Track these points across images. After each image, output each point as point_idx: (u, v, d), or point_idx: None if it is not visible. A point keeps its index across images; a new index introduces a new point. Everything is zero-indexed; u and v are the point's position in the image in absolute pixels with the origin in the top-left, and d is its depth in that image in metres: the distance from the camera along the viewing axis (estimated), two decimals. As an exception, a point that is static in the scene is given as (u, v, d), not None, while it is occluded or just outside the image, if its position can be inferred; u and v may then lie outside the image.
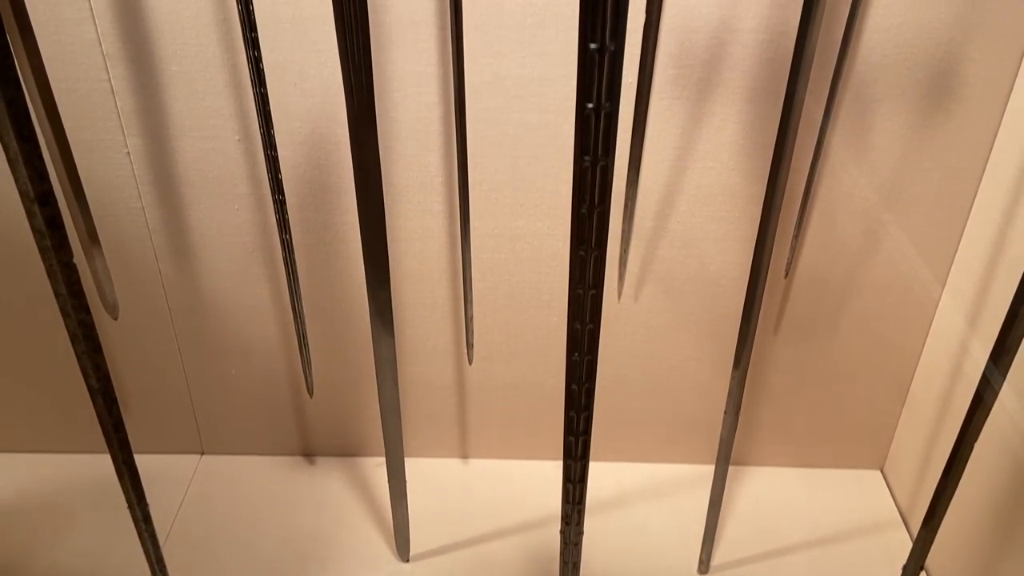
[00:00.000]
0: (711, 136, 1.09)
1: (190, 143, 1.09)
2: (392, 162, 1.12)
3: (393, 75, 1.05)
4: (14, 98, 0.59)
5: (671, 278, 1.21)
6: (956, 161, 1.09)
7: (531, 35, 1.02)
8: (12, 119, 0.59)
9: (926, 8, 0.98)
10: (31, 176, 0.62)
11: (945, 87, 1.03)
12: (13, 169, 0.62)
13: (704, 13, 1.00)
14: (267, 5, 0.99)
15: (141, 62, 1.03)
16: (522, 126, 1.09)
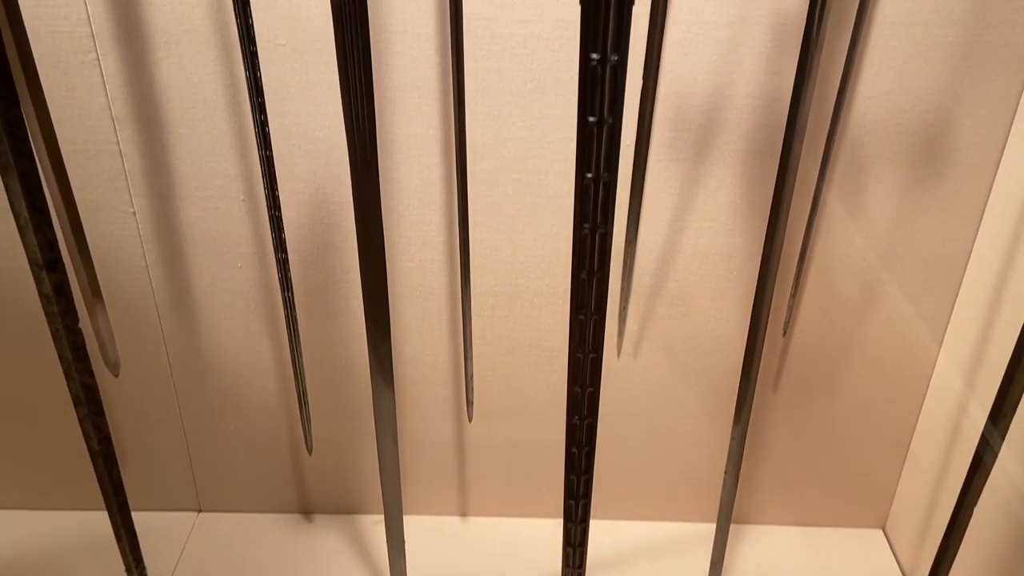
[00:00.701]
0: (708, 197, 1.10)
1: (195, 203, 1.11)
2: (394, 221, 1.13)
3: (396, 137, 1.08)
4: (27, 170, 0.60)
5: (670, 336, 1.22)
6: (950, 223, 1.10)
7: (531, 100, 1.04)
8: (25, 190, 0.61)
9: (916, 75, 1.01)
10: (41, 244, 0.63)
11: (937, 151, 1.05)
12: (23, 236, 0.64)
13: (700, 79, 1.02)
14: (274, 71, 1.01)
15: (149, 125, 1.05)
16: (522, 186, 1.11)
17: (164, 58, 1.01)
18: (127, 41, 0.99)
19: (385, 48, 1.02)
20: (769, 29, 0.99)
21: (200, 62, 1.01)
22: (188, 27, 0.99)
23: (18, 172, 0.60)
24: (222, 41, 1.00)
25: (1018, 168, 1.03)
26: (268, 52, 1.00)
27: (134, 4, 0.97)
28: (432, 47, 1.01)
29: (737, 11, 0.98)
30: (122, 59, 1.01)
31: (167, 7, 0.97)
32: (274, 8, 0.98)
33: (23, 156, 0.60)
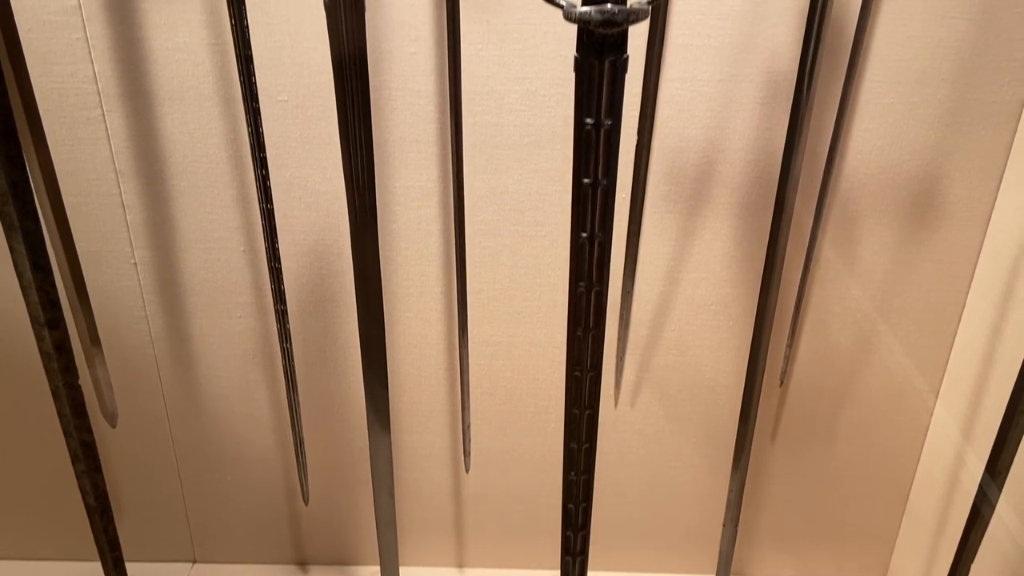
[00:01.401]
0: (703, 248, 1.12)
1: (196, 254, 1.12)
2: (392, 272, 1.14)
3: (395, 189, 1.09)
4: (31, 230, 0.61)
5: (667, 385, 1.22)
6: (943, 275, 1.12)
7: (527, 153, 1.06)
8: (29, 249, 0.62)
9: (906, 131, 1.03)
10: (43, 302, 0.64)
11: (929, 204, 1.07)
12: (26, 295, 0.65)
13: (693, 134, 1.04)
14: (276, 125, 1.03)
15: (152, 178, 1.06)
16: (519, 238, 1.12)
17: (168, 113, 1.03)
18: (132, 97, 1.02)
19: (385, 104, 1.04)
20: (761, 86, 1.01)
21: (203, 117, 1.03)
22: (192, 84, 1.01)
23: (22, 232, 0.61)
24: (225, 97, 1.02)
25: (1009, 221, 1.04)
26: (270, 108, 1.02)
27: (140, 62, 0.99)
28: (431, 103, 1.03)
29: (729, 69, 1.00)
30: (127, 114, 1.03)
31: (172, 65, 1.00)
32: (277, 65, 1.00)
33: (28, 216, 0.61)
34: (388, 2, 0.97)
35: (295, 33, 0.99)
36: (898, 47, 0.98)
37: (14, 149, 0.57)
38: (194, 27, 0.98)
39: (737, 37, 0.99)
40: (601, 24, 0.57)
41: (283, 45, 0.99)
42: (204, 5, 0.97)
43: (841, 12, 0.95)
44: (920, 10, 0.96)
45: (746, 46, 0.99)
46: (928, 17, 0.97)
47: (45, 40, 0.97)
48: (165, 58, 0.99)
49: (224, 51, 0.99)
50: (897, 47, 0.98)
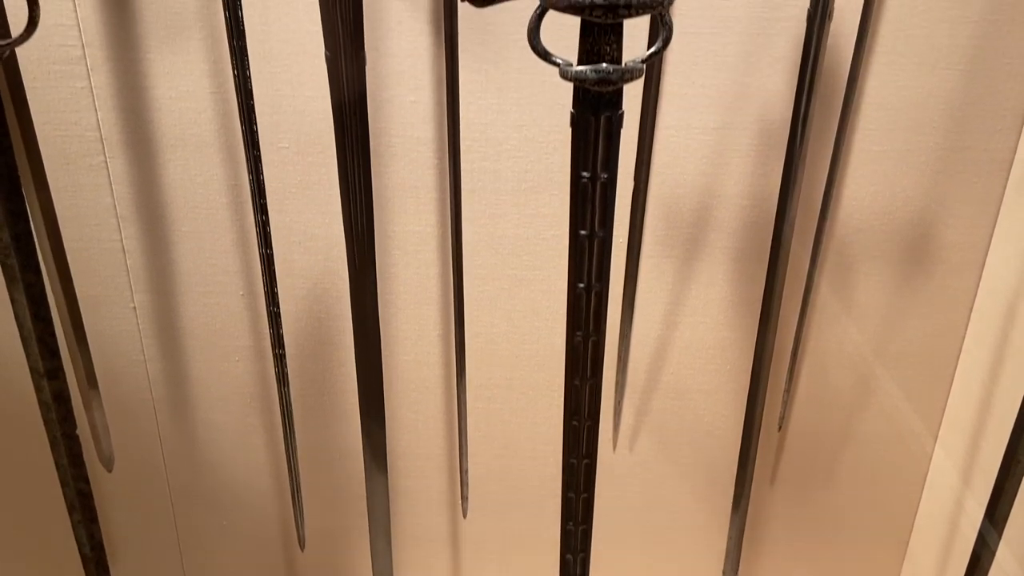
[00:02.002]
0: (700, 292, 1.12)
1: (195, 298, 1.12)
2: (390, 315, 1.15)
3: (394, 234, 1.10)
4: (33, 282, 0.62)
5: (665, 429, 1.22)
6: (939, 320, 1.12)
7: (525, 199, 1.07)
8: (30, 301, 0.62)
9: (900, 178, 1.04)
10: (43, 353, 0.64)
11: (923, 250, 1.08)
12: (26, 345, 0.65)
13: (689, 180, 1.05)
14: (276, 172, 1.04)
15: (153, 223, 1.07)
16: (517, 281, 1.13)
17: (170, 160, 1.04)
18: (134, 144, 1.03)
19: (384, 150, 1.05)
20: (755, 134, 1.02)
21: (205, 164, 1.04)
22: (194, 131, 1.02)
23: (24, 284, 0.61)
24: (226, 144, 1.03)
25: (1003, 267, 1.05)
26: (271, 154, 1.03)
27: (143, 110, 1.01)
28: (430, 150, 1.05)
29: (724, 117, 1.02)
30: (129, 161, 1.04)
31: (175, 113, 1.01)
32: (278, 113, 1.02)
33: (30, 269, 0.61)
34: (388, 52, 0.99)
35: (296, 82, 1.00)
36: (890, 96, 1.00)
37: (18, 204, 0.58)
38: (197, 76, 0.99)
39: (731, 87, 1.00)
40: (597, 83, 0.58)
41: (284, 94, 1.01)
42: (207, 55, 0.98)
43: (833, 62, 0.97)
44: (911, 61, 0.98)
45: (740, 95, 1.01)
46: (919, 68, 0.98)
47: (50, 89, 0.98)
48: (168, 106, 1.01)
49: (226, 99, 1.01)
50: (889, 96, 1.00)
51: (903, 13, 0.96)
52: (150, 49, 0.98)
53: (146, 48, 0.98)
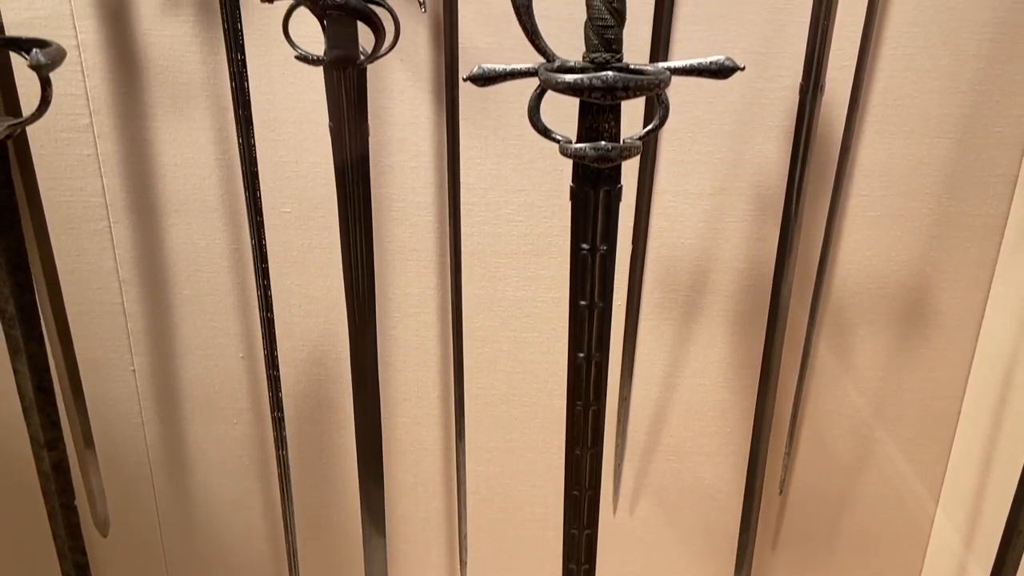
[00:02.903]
0: (699, 355, 1.13)
1: (195, 361, 1.12)
2: (390, 377, 1.15)
3: (394, 296, 1.11)
4: (36, 353, 0.62)
5: (666, 492, 1.21)
6: (937, 382, 1.13)
7: (525, 262, 1.08)
8: (32, 371, 0.63)
9: (894, 243, 1.05)
10: (43, 423, 0.64)
11: (920, 314, 1.09)
12: (27, 416, 0.65)
13: (687, 244, 1.07)
14: (278, 235, 1.05)
15: (155, 287, 1.08)
16: (517, 343, 1.13)
17: (173, 225, 1.05)
18: (138, 210, 1.04)
19: (385, 214, 1.06)
20: (751, 199, 1.04)
21: (207, 228, 1.05)
22: (198, 196, 1.03)
23: (27, 355, 0.62)
24: (230, 209, 1.04)
25: (999, 331, 1.06)
26: (274, 218, 1.04)
27: (148, 176, 1.02)
28: (430, 214, 1.06)
29: (720, 182, 1.03)
30: (132, 226, 1.05)
31: (179, 179, 1.02)
32: (281, 178, 1.03)
33: (33, 340, 0.62)
34: (390, 119, 1.01)
35: (299, 148, 1.02)
36: (882, 163, 1.02)
37: (24, 277, 0.58)
38: (202, 143, 1.01)
39: (727, 153, 1.02)
40: (596, 160, 0.59)
41: (288, 160, 1.03)
42: (212, 122, 1.00)
43: (826, 130, 0.99)
44: (902, 129, 1.00)
45: (735, 162, 1.02)
46: (910, 136, 1.01)
47: (57, 156, 1.00)
48: (173, 172, 1.02)
49: (230, 165, 1.02)
50: (881, 163, 1.02)
51: (893, 84, 0.98)
52: (156, 117, 1.00)
53: (152, 116, 1.00)
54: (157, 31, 0.96)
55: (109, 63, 0.97)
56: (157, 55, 0.97)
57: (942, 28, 0.96)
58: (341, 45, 0.81)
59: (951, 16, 0.95)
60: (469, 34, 0.95)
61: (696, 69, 0.59)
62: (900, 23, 0.96)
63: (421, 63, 0.98)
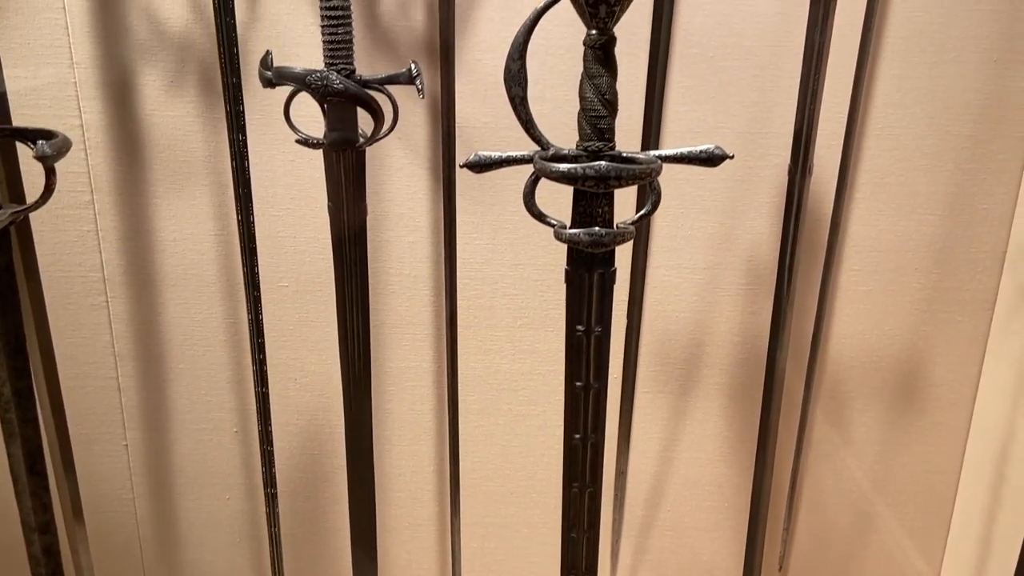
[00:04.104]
0: (696, 428, 1.12)
1: (188, 435, 1.12)
2: (385, 451, 1.14)
3: (390, 370, 1.11)
4: (31, 437, 0.62)
5: (664, 568, 1.19)
6: (934, 456, 1.12)
7: (520, 335, 1.09)
8: (26, 455, 0.62)
9: (886, 317, 1.06)
10: (35, 508, 0.64)
11: (914, 386, 1.09)
12: (19, 499, 0.64)
13: (681, 317, 1.07)
14: (275, 309, 1.06)
15: (150, 361, 1.08)
16: (512, 417, 1.13)
17: (170, 299, 1.05)
18: (136, 284, 1.05)
19: (383, 288, 1.07)
20: (744, 274, 1.05)
21: (204, 303, 1.06)
22: (196, 271, 1.04)
23: (22, 439, 0.62)
24: (227, 283, 1.05)
25: (993, 405, 1.06)
26: (271, 292, 1.05)
27: (146, 251, 1.03)
28: (427, 287, 1.07)
29: (713, 257, 1.05)
30: (129, 300, 1.05)
31: (178, 254, 1.03)
32: (279, 253, 1.04)
33: (29, 424, 0.62)
34: (388, 196, 1.03)
35: (298, 224, 1.03)
36: (872, 239, 1.04)
37: (22, 361, 0.59)
38: (201, 219, 1.02)
39: (719, 229, 1.04)
40: (590, 245, 0.61)
41: (286, 235, 1.04)
42: (212, 199, 1.02)
43: (816, 207, 1.00)
44: (891, 206, 1.02)
45: (728, 237, 1.04)
46: (898, 212, 1.02)
47: (57, 232, 1.01)
48: (171, 248, 1.03)
49: (229, 240, 1.03)
50: (871, 239, 1.03)
51: (880, 163, 1.01)
52: (157, 194, 1.01)
53: (153, 193, 1.01)
54: (161, 111, 0.98)
55: (112, 142, 0.99)
56: (160, 134, 0.99)
57: (926, 109, 0.99)
58: (341, 128, 0.83)
59: (934, 98, 0.98)
60: (466, 113, 0.98)
61: (687, 157, 0.60)
62: (885, 104, 0.99)
63: (418, 141, 1.00)
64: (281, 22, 0.95)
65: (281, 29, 0.95)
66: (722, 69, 0.97)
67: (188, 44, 0.96)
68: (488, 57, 0.97)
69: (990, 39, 0.96)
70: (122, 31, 0.95)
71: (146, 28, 0.95)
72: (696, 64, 0.97)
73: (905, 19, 0.95)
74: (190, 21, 0.95)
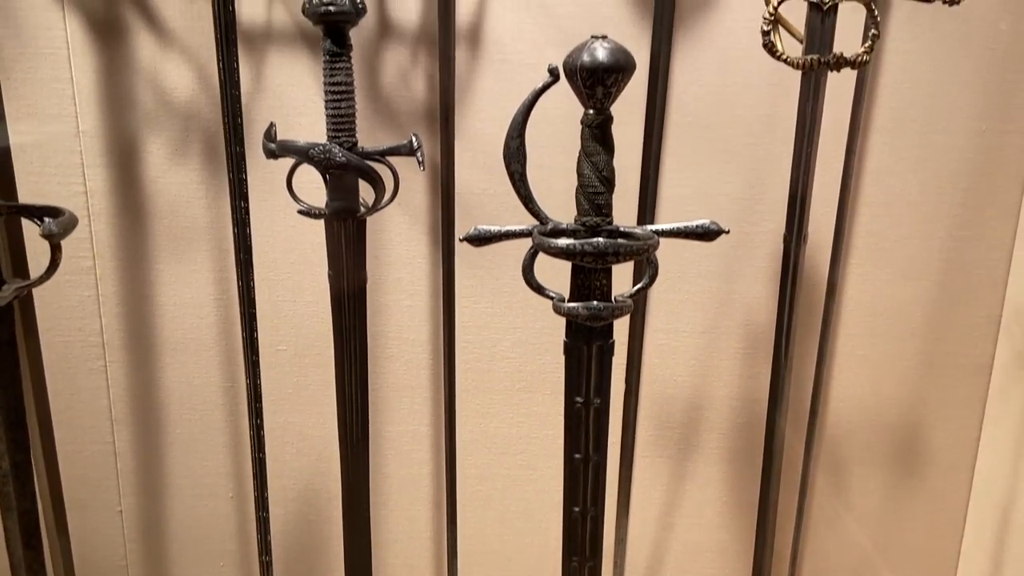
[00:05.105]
0: (696, 493, 1.12)
1: (183, 500, 1.11)
2: (382, 517, 1.13)
3: (388, 433, 1.10)
4: (28, 510, 0.61)
5: (665, 637, 1.17)
6: (936, 521, 1.11)
7: (519, 399, 1.09)
8: (23, 529, 0.62)
9: (884, 382, 1.07)
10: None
11: (913, 452, 1.09)
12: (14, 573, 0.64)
13: (680, 381, 1.08)
14: (273, 374, 1.06)
15: (147, 426, 1.08)
16: (511, 481, 1.12)
17: (169, 364, 1.06)
18: (135, 349, 1.05)
19: (381, 352, 1.07)
20: (741, 338, 1.06)
21: (203, 367, 1.06)
22: (195, 336, 1.05)
23: (19, 513, 0.61)
24: (226, 347, 1.05)
25: (993, 471, 1.05)
26: (270, 356, 1.05)
27: (146, 316, 1.04)
28: (425, 351, 1.07)
29: (711, 321, 1.05)
30: (128, 365, 1.05)
31: (178, 319, 1.04)
32: (278, 317, 1.05)
33: (26, 498, 0.61)
34: (388, 260, 1.04)
35: (297, 288, 1.04)
36: (868, 304, 1.04)
37: (21, 434, 0.59)
38: (202, 284, 1.03)
39: (716, 293, 1.04)
40: (588, 319, 0.61)
41: (285, 299, 1.04)
42: (213, 264, 1.02)
43: (812, 271, 1.01)
44: (886, 272, 1.03)
45: (725, 301, 1.05)
46: (894, 278, 1.03)
47: (58, 298, 1.02)
48: (171, 312, 1.04)
49: (228, 304, 1.04)
50: (867, 304, 1.04)
51: (875, 229, 1.02)
52: (158, 259, 1.02)
53: (155, 258, 1.02)
54: (164, 178, 0.99)
55: (115, 208, 1.00)
56: (163, 201, 1.00)
57: (918, 177, 1.00)
58: (343, 198, 0.84)
59: (925, 166, 1.00)
60: (465, 179, 0.99)
61: (683, 232, 0.61)
62: (877, 171, 1.00)
63: (418, 206, 1.02)
64: (284, 92, 0.97)
65: (284, 99, 0.97)
66: (717, 138, 0.99)
67: (193, 113, 0.98)
68: (487, 126, 0.99)
69: (978, 109, 0.98)
70: (128, 100, 0.97)
71: (152, 97, 0.97)
72: (691, 133, 0.99)
73: (895, 89, 0.98)
74: (195, 91, 0.97)
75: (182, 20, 0.95)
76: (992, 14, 0.96)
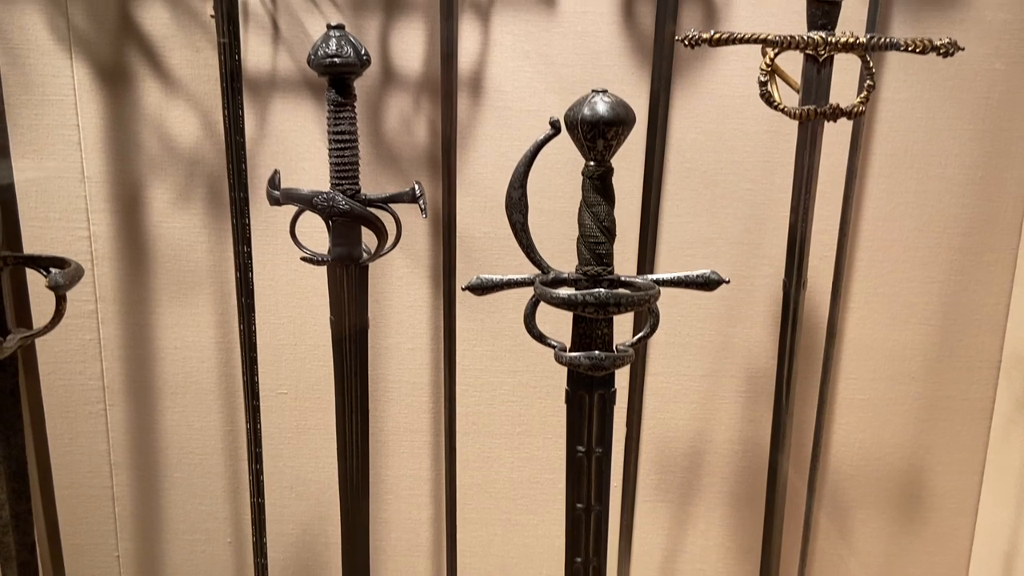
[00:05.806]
0: (698, 539, 1.11)
1: (181, 545, 1.10)
2: (381, 563, 1.12)
3: (387, 477, 1.10)
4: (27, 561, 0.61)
5: None
6: (939, 565, 1.10)
7: (519, 442, 1.08)
8: None
9: (885, 426, 1.06)
10: (25, 632, 0.62)
11: (916, 496, 1.08)
12: (9, 623, 0.63)
13: (680, 425, 1.07)
14: (274, 417, 1.06)
15: (146, 470, 1.07)
16: (511, 526, 1.11)
17: (169, 407, 1.05)
18: (135, 392, 1.05)
19: (381, 395, 1.07)
20: (742, 381, 1.06)
21: (203, 411, 1.06)
22: (196, 379, 1.05)
23: (18, 563, 0.61)
24: (226, 391, 1.05)
25: (996, 514, 1.05)
26: (270, 400, 1.05)
27: (147, 359, 1.04)
28: (426, 394, 1.07)
29: (712, 365, 1.05)
30: (128, 408, 1.05)
31: (179, 362, 1.04)
32: (280, 360, 1.05)
33: (25, 548, 0.61)
34: (389, 303, 1.04)
35: (299, 332, 1.04)
36: (868, 348, 1.05)
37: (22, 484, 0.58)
38: (203, 327, 1.03)
39: (716, 337, 1.05)
40: (590, 368, 0.61)
41: (287, 343, 1.05)
42: (215, 308, 1.03)
43: (811, 316, 1.02)
44: (885, 316, 1.04)
45: (725, 345, 1.05)
46: (893, 322, 1.04)
47: (60, 341, 1.02)
48: (172, 356, 1.04)
49: (230, 348, 1.04)
50: (867, 348, 1.05)
51: (873, 273, 1.02)
52: (160, 303, 1.02)
53: (157, 302, 1.02)
54: (168, 223, 1.00)
55: (118, 252, 1.01)
56: (165, 245, 1.01)
57: (915, 222, 1.01)
58: (345, 245, 0.85)
59: (922, 212, 1.01)
60: (466, 224, 1.00)
61: (684, 282, 0.62)
62: (875, 217, 1.01)
63: (419, 250, 1.02)
64: (288, 138, 0.98)
65: (288, 145, 0.98)
66: (715, 183, 1.00)
67: (197, 159, 0.99)
68: (489, 171, 1.00)
69: (973, 156, 0.99)
70: (133, 146, 0.98)
71: (157, 143, 0.99)
72: (690, 179, 1.00)
73: (891, 136, 0.99)
74: (200, 137, 0.98)
75: (188, 68, 0.96)
76: (986, 61, 0.97)
